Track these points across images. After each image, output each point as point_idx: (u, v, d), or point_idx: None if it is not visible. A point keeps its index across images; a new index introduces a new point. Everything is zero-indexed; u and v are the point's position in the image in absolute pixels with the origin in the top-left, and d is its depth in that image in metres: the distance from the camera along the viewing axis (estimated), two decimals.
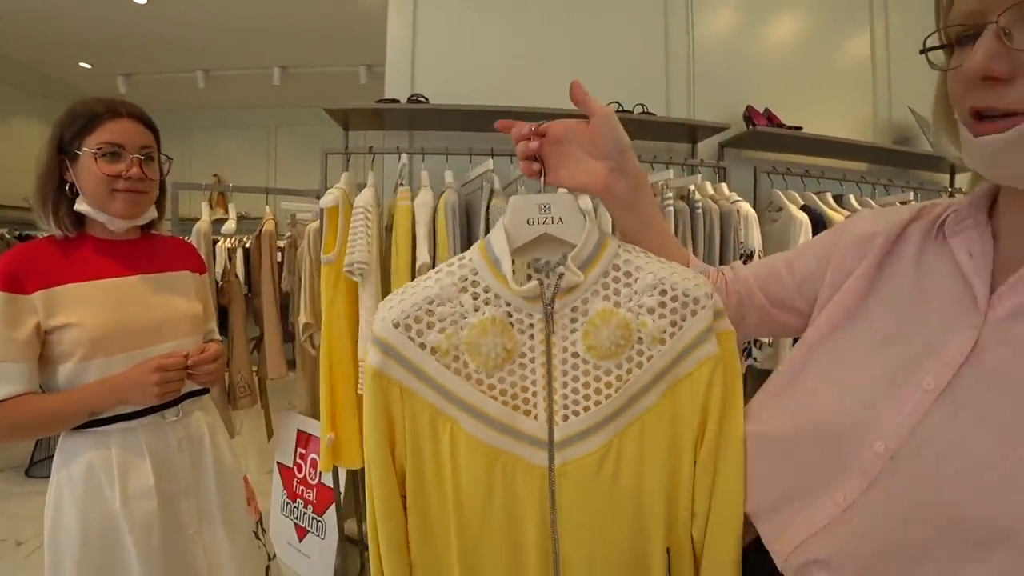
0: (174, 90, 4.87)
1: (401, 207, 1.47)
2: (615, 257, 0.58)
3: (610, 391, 0.56)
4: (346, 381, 1.49)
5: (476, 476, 0.57)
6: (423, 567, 0.60)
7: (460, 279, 0.57)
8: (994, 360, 0.41)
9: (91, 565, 0.87)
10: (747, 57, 2.19)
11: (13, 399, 0.81)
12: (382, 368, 0.56)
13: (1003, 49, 0.37)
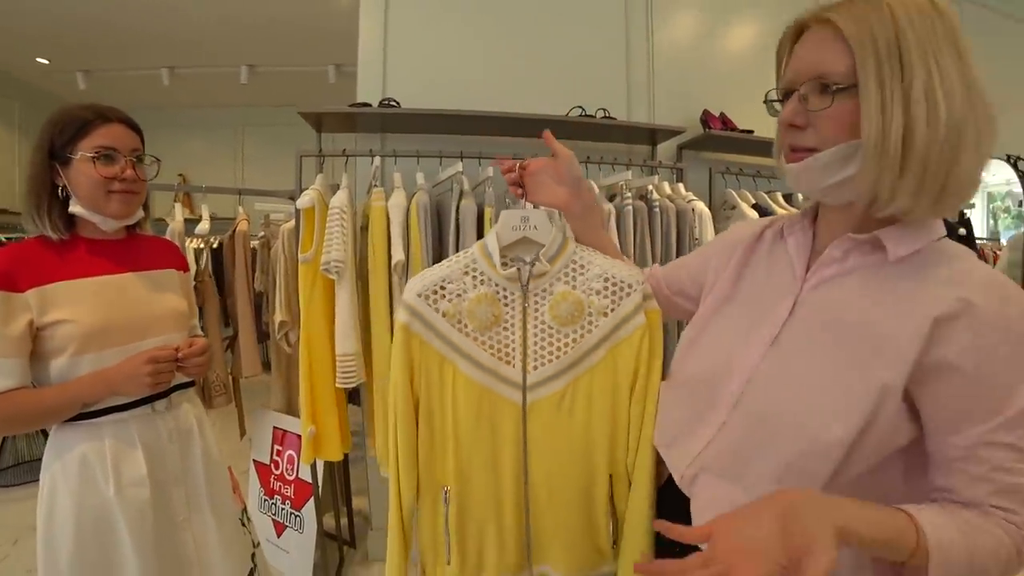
0: (137, 88, 4.75)
1: (376, 208, 1.53)
2: (573, 254, 0.82)
3: (567, 349, 0.80)
4: (325, 375, 1.54)
5: (469, 406, 0.80)
6: (427, 468, 0.83)
7: (464, 265, 0.82)
8: (802, 316, 0.62)
9: (86, 553, 0.91)
10: (704, 64, 2.32)
11: (7, 393, 0.84)
12: (408, 324, 0.81)
13: (802, 108, 0.58)
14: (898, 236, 0.57)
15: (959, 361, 0.51)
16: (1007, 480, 0.51)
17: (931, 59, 0.52)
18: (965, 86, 0.52)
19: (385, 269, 1.54)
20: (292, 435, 2.05)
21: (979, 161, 0.54)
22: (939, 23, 0.53)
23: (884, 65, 0.52)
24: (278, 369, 2.11)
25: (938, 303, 0.52)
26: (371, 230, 1.54)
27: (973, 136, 0.53)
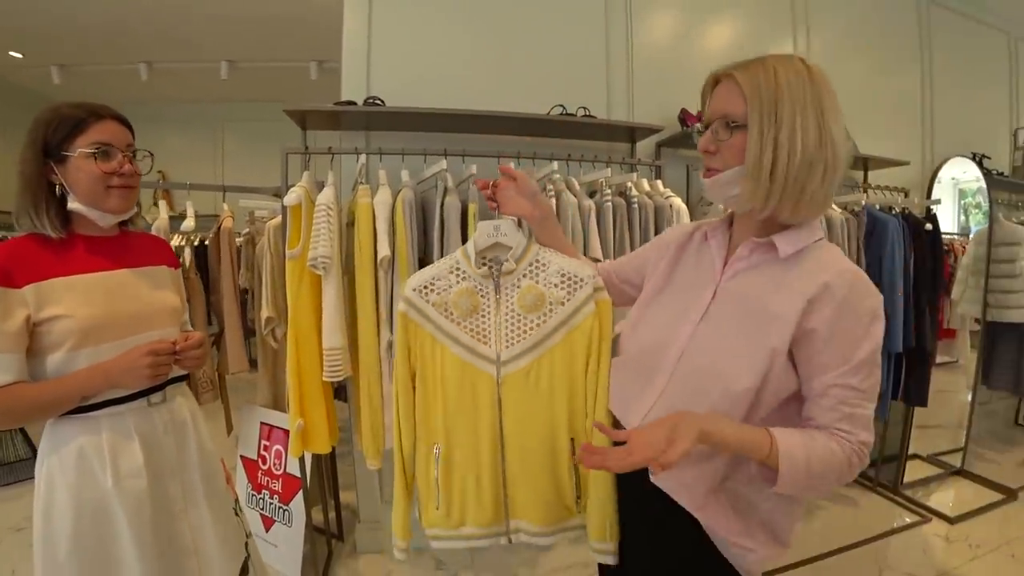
0: (114, 83, 4.66)
1: (362, 205, 1.56)
2: (536, 254, 1.03)
3: (532, 332, 1.00)
4: (313, 369, 1.57)
5: (453, 377, 1.00)
6: (423, 426, 1.04)
7: (450, 266, 1.03)
8: (721, 300, 0.82)
9: (85, 545, 0.92)
10: (682, 64, 2.38)
11: (5, 387, 0.86)
12: (406, 312, 1.03)
13: (713, 138, 0.78)
14: (786, 239, 0.76)
15: (820, 328, 0.71)
16: (847, 410, 0.72)
17: (797, 115, 0.71)
18: (819, 135, 0.72)
19: (371, 265, 1.57)
20: (279, 430, 2.07)
21: (825, 187, 0.74)
22: (809, 87, 0.72)
23: (764, 115, 0.72)
24: (264, 365, 2.13)
25: (810, 287, 0.72)
26: (357, 226, 1.57)
27: (820, 170, 0.72)
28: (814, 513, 2.47)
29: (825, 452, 0.71)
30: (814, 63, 0.76)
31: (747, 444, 0.71)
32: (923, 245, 2.39)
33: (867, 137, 2.63)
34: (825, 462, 0.71)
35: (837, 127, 0.73)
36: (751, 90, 0.73)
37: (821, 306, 0.71)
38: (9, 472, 2.78)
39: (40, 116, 0.94)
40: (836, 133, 0.73)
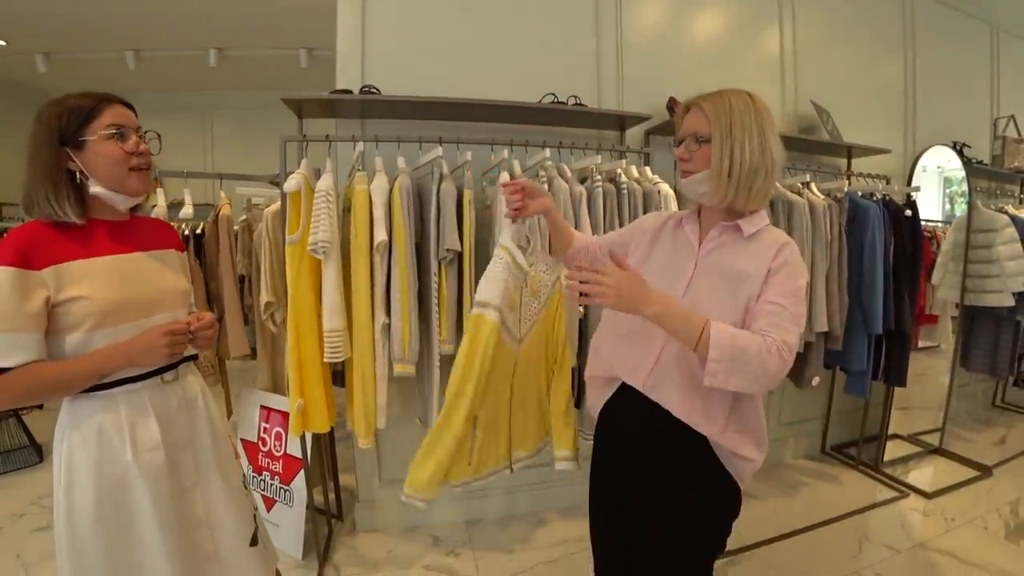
0: (101, 71, 4.59)
1: (359, 191, 1.60)
2: (534, 250, 1.30)
3: (534, 312, 1.30)
4: (313, 351, 1.62)
5: (500, 359, 1.23)
6: (479, 404, 1.24)
7: (506, 269, 1.20)
8: (701, 271, 1.04)
9: (108, 516, 0.96)
10: (671, 53, 2.42)
11: (26, 366, 0.88)
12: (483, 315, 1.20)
13: (686, 150, 1.03)
14: (747, 223, 1.03)
15: (772, 278, 0.97)
16: (775, 320, 0.94)
17: (745, 133, 0.98)
18: (761, 148, 0.98)
19: (367, 250, 1.61)
20: (278, 413, 2.11)
21: (767, 185, 1.01)
22: (754, 113, 0.99)
23: (723, 133, 0.98)
24: (263, 350, 2.17)
25: (771, 252, 0.99)
26: (354, 212, 1.61)
27: (763, 173, 0.99)
28: (798, 489, 2.57)
29: (749, 337, 0.92)
30: (757, 94, 1.03)
31: (684, 318, 0.92)
32: (903, 231, 2.47)
33: (850, 126, 2.70)
34: (748, 340, 0.91)
35: (774, 141, 1.00)
36: (713, 115, 0.99)
37: (777, 263, 0.98)
38: (6, 460, 2.80)
39: (47, 109, 0.95)
40: (774, 146, 1.00)
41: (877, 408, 2.76)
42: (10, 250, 0.87)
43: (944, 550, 2.02)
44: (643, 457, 1.08)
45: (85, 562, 0.96)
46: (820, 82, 2.75)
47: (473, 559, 2.04)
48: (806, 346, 2.24)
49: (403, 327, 1.62)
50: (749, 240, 1.02)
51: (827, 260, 2.23)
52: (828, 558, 1.99)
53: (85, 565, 0.96)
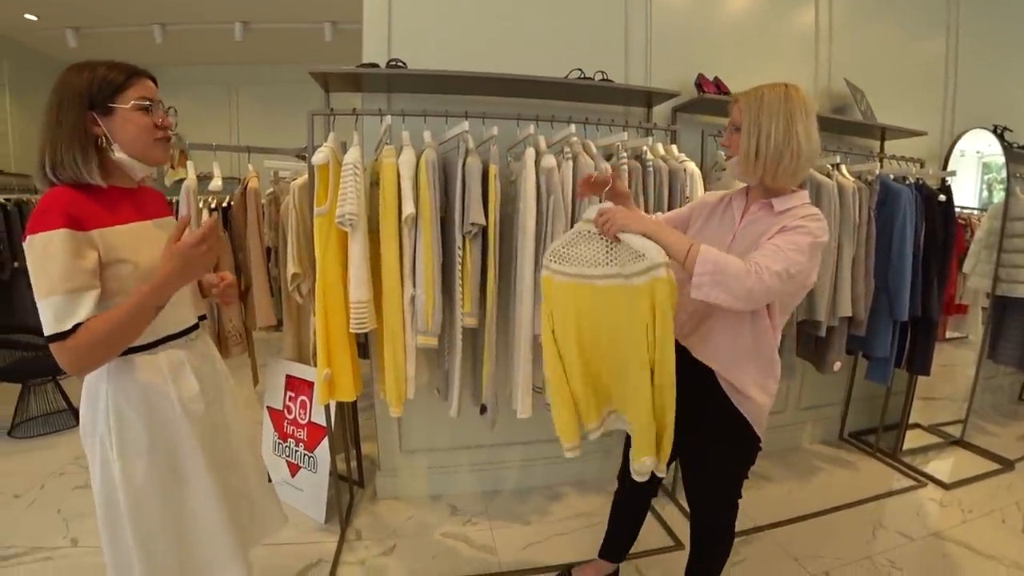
0: (129, 45, 4.65)
1: (387, 164, 1.61)
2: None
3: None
4: (339, 321, 1.65)
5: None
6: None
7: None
8: (736, 242, 1.22)
9: (160, 465, 1.04)
10: (700, 29, 2.36)
11: (87, 323, 0.90)
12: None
13: (727, 137, 1.25)
14: (779, 201, 1.17)
15: (781, 232, 1.12)
16: (763, 252, 1.08)
17: (772, 121, 1.12)
18: (786, 134, 1.11)
19: (396, 222, 1.63)
20: (303, 382, 2.18)
21: (792, 166, 1.13)
22: (784, 103, 1.12)
23: (752, 123, 1.14)
24: (289, 320, 2.22)
25: (787, 221, 1.13)
26: (382, 185, 1.62)
27: (788, 156, 1.12)
28: (814, 474, 2.57)
29: (734, 259, 1.07)
30: (794, 85, 1.16)
31: (677, 239, 1.11)
32: (935, 217, 2.40)
33: (885, 106, 2.62)
34: (731, 260, 1.06)
35: (803, 128, 1.12)
36: (746, 106, 1.16)
37: (792, 224, 1.12)
38: (46, 423, 2.94)
39: (75, 75, 0.97)
40: (800, 133, 1.12)
41: (898, 396, 2.73)
42: (57, 213, 0.89)
43: (959, 541, 2.01)
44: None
45: (144, 510, 1.02)
46: (855, 59, 2.66)
47: (490, 528, 2.09)
48: (829, 330, 2.22)
49: (427, 300, 1.64)
50: (780, 216, 1.16)
51: (854, 244, 2.19)
52: (841, 543, 2.00)
53: (144, 513, 1.03)
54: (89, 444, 1.03)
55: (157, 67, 3.28)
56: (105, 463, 1.01)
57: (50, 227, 0.88)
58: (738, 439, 1.27)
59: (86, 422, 1.03)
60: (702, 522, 1.42)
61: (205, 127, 5.25)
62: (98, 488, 1.03)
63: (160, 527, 1.04)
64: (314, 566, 1.84)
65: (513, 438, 2.33)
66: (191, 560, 1.09)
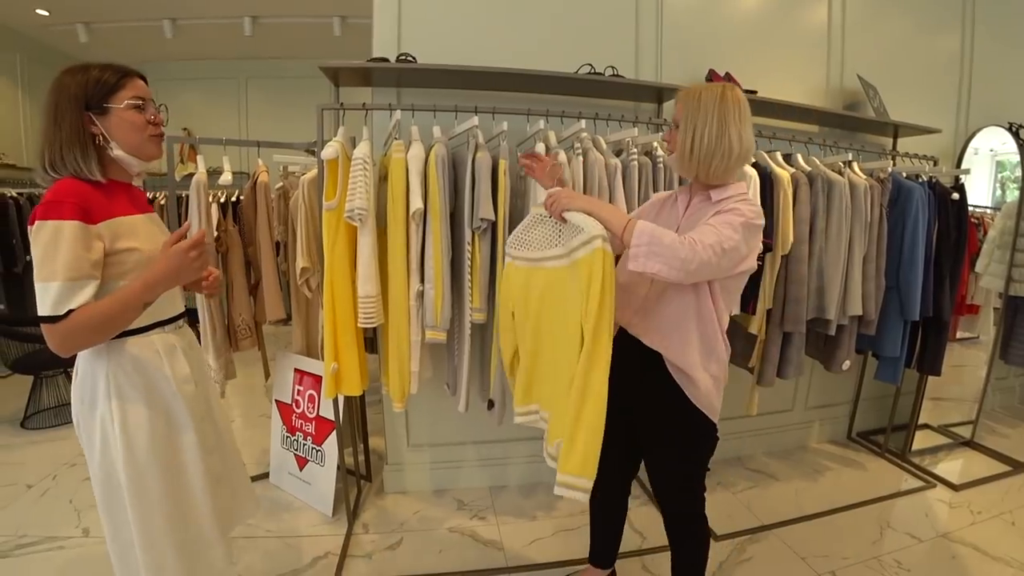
0: (139, 40, 4.69)
1: (396, 160, 1.61)
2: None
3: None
4: (347, 316, 1.66)
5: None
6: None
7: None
8: (683, 228, 1.26)
9: (160, 443, 1.08)
10: (711, 24, 2.34)
11: (81, 308, 0.94)
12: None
13: (669, 133, 1.30)
14: (715, 193, 1.23)
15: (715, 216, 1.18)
16: (698, 229, 1.14)
17: (705, 121, 1.18)
18: (718, 135, 1.17)
19: (403, 217, 1.63)
20: (312, 376, 2.19)
21: (724, 164, 1.20)
22: (719, 104, 1.18)
23: (687, 121, 1.20)
24: (298, 314, 2.23)
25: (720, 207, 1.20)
26: (390, 180, 1.62)
27: (719, 155, 1.18)
28: (821, 473, 2.56)
29: (669, 233, 1.11)
30: (731, 87, 1.21)
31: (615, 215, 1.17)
32: (948, 215, 2.37)
33: (898, 103, 2.59)
34: (665, 233, 1.11)
35: (735, 131, 1.18)
36: (683, 106, 1.22)
37: (724, 207, 1.18)
38: (58, 415, 2.98)
39: (71, 78, 1.01)
40: (732, 134, 1.18)
41: (908, 397, 2.71)
42: (70, 204, 0.94)
43: (968, 542, 1.99)
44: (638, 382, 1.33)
45: (146, 486, 1.06)
46: (868, 55, 2.63)
47: (496, 524, 2.10)
48: (838, 329, 2.20)
49: (436, 295, 1.65)
50: (716, 204, 1.22)
51: (865, 242, 2.17)
52: (848, 542, 1.99)
53: (145, 489, 1.06)
54: (87, 425, 1.06)
55: (167, 62, 3.29)
56: (105, 442, 1.04)
57: (63, 216, 0.93)
58: (690, 428, 1.30)
59: (83, 404, 1.06)
60: (669, 514, 1.45)
61: (214, 121, 5.31)
62: (96, 470, 1.06)
63: (159, 503, 1.08)
64: (322, 559, 1.86)
65: (520, 434, 2.33)
66: (186, 538, 1.13)
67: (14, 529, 1.97)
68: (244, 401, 3.36)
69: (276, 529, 2.02)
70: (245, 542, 1.93)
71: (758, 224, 1.18)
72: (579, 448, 1.11)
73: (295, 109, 5.21)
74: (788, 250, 1.99)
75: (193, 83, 5.40)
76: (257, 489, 2.24)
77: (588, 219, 1.16)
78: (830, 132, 2.58)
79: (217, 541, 1.18)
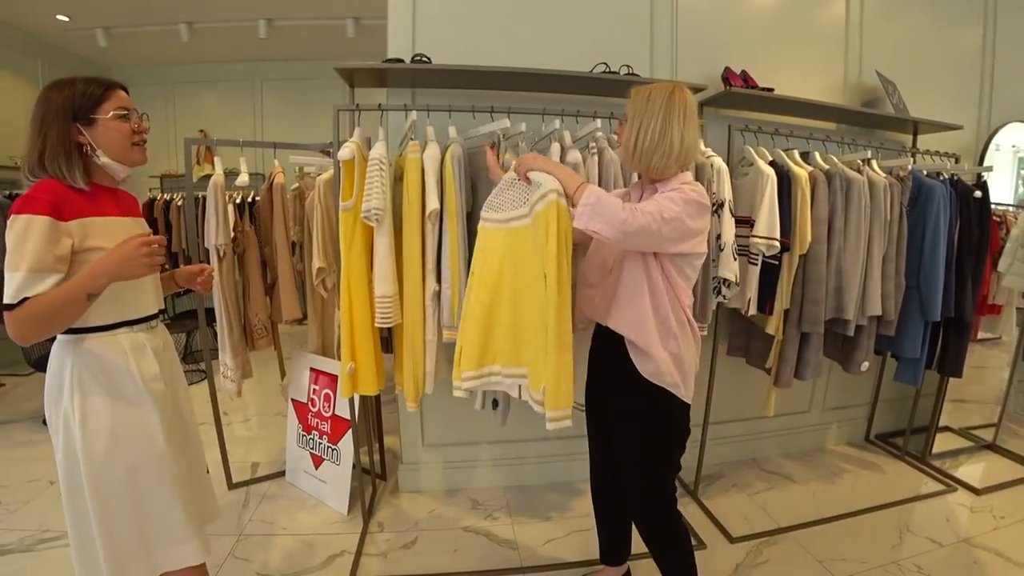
0: (156, 44, 4.76)
1: (411, 160, 1.62)
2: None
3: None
4: (364, 316, 1.66)
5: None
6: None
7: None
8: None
9: (122, 437, 1.09)
10: (728, 21, 2.32)
11: (31, 298, 0.97)
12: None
13: (619, 126, 1.35)
14: (662, 185, 1.27)
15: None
16: (644, 202, 1.20)
17: (650, 119, 1.23)
18: (660, 133, 1.22)
19: (419, 218, 1.64)
20: (327, 375, 2.21)
21: (665, 162, 1.24)
22: (665, 104, 1.22)
23: (634, 117, 1.25)
24: (314, 314, 2.25)
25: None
26: (406, 181, 1.63)
27: (661, 152, 1.23)
28: (839, 476, 2.52)
29: (614, 197, 1.18)
30: (680, 88, 1.25)
31: (571, 177, 1.24)
32: (970, 214, 2.33)
33: (918, 99, 2.54)
34: (610, 197, 1.17)
35: (677, 130, 1.22)
36: (634, 102, 1.27)
37: (666, 190, 1.24)
38: None
39: (57, 90, 1.06)
40: (674, 133, 1.22)
41: (928, 399, 2.66)
42: (44, 202, 0.99)
43: (990, 548, 1.95)
44: (604, 370, 1.41)
45: (105, 484, 1.07)
46: (887, 51, 2.59)
47: (511, 524, 2.10)
48: (857, 329, 2.17)
49: (453, 294, 1.65)
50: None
51: (884, 241, 2.13)
52: (866, 546, 1.96)
53: (105, 487, 1.07)
54: (53, 419, 1.09)
55: (183, 64, 3.35)
56: (68, 435, 1.06)
57: (34, 211, 0.98)
58: (648, 406, 1.31)
59: (51, 397, 1.09)
60: (636, 511, 1.44)
61: (230, 123, 5.38)
62: (61, 460, 1.08)
63: (120, 502, 1.09)
64: (337, 556, 1.87)
65: (534, 434, 2.33)
66: (151, 536, 1.14)
67: (36, 524, 2.01)
68: (260, 400, 3.40)
69: (291, 527, 2.04)
70: (260, 539, 1.95)
71: (701, 202, 1.21)
72: (562, 389, 1.23)
73: (309, 110, 5.26)
74: (806, 249, 1.97)
75: (209, 85, 5.47)
76: (272, 487, 2.30)
77: (547, 177, 1.24)
78: (848, 130, 2.54)
79: (192, 536, 1.18)
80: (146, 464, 1.12)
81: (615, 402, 1.38)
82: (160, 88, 5.41)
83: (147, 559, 1.13)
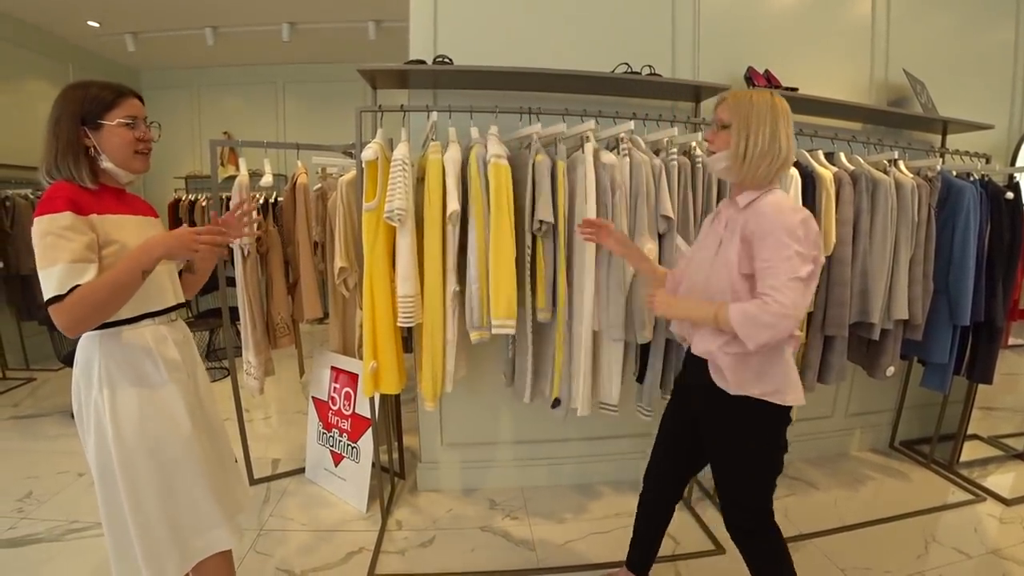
0: (182, 48, 4.87)
1: (433, 161, 1.63)
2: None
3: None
4: (386, 315, 1.68)
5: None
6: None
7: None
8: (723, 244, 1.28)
9: (150, 428, 1.11)
10: (750, 20, 2.29)
11: (81, 285, 1.00)
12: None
13: (712, 133, 1.30)
14: (741, 197, 1.26)
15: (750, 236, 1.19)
16: (765, 282, 1.13)
17: (758, 126, 1.20)
18: (770, 139, 1.20)
19: (440, 218, 1.65)
20: (348, 374, 2.23)
21: (772, 169, 1.22)
22: (770, 110, 1.20)
23: (740, 123, 1.21)
24: (335, 313, 2.27)
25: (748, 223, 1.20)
26: (427, 182, 1.64)
27: (769, 159, 1.21)
28: (862, 483, 2.47)
29: (751, 306, 1.14)
30: (779, 95, 1.24)
31: (698, 306, 1.25)
32: (1002, 216, 2.27)
33: (947, 98, 2.49)
34: (745, 308, 1.14)
35: (784, 135, 1.21)
36: (735, 108, 1.23)
37: (751, 228, 1.19)
38: None
39: (72, 92, 1.09)
40: (782, 139, 1.21)
41: (956, 405, 2.59)
42: (62, 200, 1.02)
43: (1020, 560, 1.89)
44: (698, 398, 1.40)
45: (136, 472, 1.10)
46: (915, 49, 2.53)
47: (528, 524, 2.10)
48: (883, 333, 2.13)
49: (481, 295, 1.66)
50: (743, 212, 1.25)
51: (912, 243, 2.09)
52: (890, 555, 1.92)
53: (136, 475, 1.10)
54: (84, 412, 1.12)
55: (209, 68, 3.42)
56: (100, 428, 1.09)
57: (56, 210, 1.01)
58: (740, 435, 1.31)
59: (80, 391, 1.12)
60: (731, 525, 1.44)
61: (254, 125, 5.48)
62: (92, 452, 1.11)
63: (150, 489, 1.11)
64: (356, 553, 1.89)
65: (552, 435, 2.33)
66: (184, 522, 1.16)
67: (66, 515, 2.07)
68: (280, 397, 3.45)
69: (311, 523, 2.07)
70: (280, 535, 1.98)
71: (801, 221, 1.15)
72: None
73: (331, 112, 5.33)
74: (831, 252, 1.94)
75: (234, 88, 5.58)
76: (292, 484, 2.33)
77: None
78: (874, 129, 2.50)
79: (222, 522, 1.20)
80: (174, 446, 1.14)
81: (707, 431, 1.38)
82: (186, 91, 5.53)
83: (180, 549, 1.15)
